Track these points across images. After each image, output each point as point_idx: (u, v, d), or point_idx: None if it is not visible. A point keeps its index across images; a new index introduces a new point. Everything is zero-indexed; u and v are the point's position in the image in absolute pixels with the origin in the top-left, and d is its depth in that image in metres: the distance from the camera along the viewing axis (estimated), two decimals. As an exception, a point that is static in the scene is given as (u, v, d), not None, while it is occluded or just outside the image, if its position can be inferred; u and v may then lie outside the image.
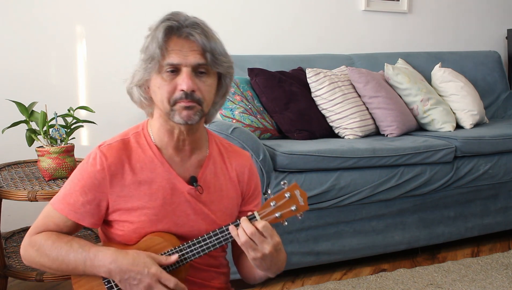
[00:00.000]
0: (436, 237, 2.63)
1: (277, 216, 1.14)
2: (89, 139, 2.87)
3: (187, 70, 1.13)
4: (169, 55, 1.13)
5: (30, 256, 1.22)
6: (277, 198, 1.14)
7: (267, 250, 1.11)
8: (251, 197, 1.35)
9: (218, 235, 1.18)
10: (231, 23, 3.17)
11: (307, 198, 1.16)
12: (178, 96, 1.13)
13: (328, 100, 2.77)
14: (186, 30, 1.13)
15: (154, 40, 1.14)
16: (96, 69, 2.87)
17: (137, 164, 1.22)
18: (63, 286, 2.28)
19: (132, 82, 1.20)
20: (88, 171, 1.20)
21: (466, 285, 2.30)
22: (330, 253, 2.40)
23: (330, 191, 2.31)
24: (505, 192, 2.77)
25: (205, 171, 1.27)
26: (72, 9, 2.79)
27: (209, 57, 1.14)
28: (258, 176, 1.38)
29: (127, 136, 1.26)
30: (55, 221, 1.22)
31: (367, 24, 3.59)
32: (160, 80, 1.15)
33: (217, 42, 1.17)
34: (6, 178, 2.08)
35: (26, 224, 2.48)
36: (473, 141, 2.64)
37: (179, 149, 1.24)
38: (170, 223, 1.23)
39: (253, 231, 1.10)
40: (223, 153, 1.32)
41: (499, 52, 3.84)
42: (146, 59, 1.15)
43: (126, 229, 1.22)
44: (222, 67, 1.18)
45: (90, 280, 1.23)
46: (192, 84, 1.13)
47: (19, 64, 2.71)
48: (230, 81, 1.24)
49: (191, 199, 1.24)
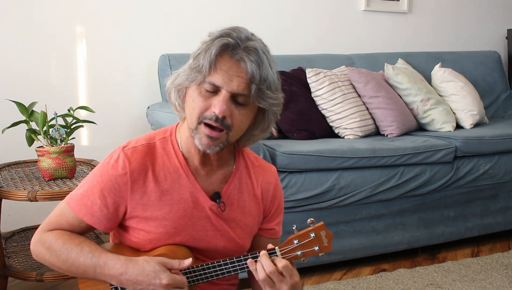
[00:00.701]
0: (436, 237, 2.63)
1: (298, 254, 1.12)
2: (89, 139, 2.87)
3: (226, 95, 1.07)
4: (214, 73, 1.07)
5: (40, 253, 1.19)
6: (301, 236, 1.12)
7: (284, 289, 1.10)
8: (273, 215, 1.31)
9: (235, 263, 1.16)
10: (231, 23, 3.16)
11: (332, 239, 1.13)
12: (208, 115, 1.08)
13: (328, 100, 2.77)
14: (241, 53, 1.07)
15: (207, 53, 1.07)
16: (96, 69, 2.87)
17: (161, 172, 1.17)
18: (63, 286, 2.27)
19: (173, 83, 1.15)
20: (110, 174, 1.15)
21: (466, 285, 2.30)
22: (330, 253, 2.39)
23: (330, 191, 2.31)
24: (505, 192, 2.77)
25: (230, 187, 1.23)
26: (72, 9, 2.79)
27: (254, 89, 1.07)
28: (282, 193, 1.35)
29: (154, 140, 1.21)
30: (69, 221, 1.18)
31: (367, 24, 3.59)
32: (197, 94, 1.10)
33: (270, 74, 1.09)
34: (6, 178, 2.08)
35: (26, 224, 2.48)
36: (473, 141, 2.64)
37: (205, 163, 1.20)
38: (188, 236, 1.20)
39: (273, 270, 1.08)
40: (250, 168, 1.27)
41: (499, 52, 3.84)
42: (194, 68, 1.09)
43: (142, 238, 1.19)
44: (266, 103, 1.11)
45: (96, 283, 1.21)
46: (227, 110, 1.07)
47: (19, 64, 2.71)
48: (273, 118, 1.17)
49: (212, 215, 1.21)
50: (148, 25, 2.92)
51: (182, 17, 3.00)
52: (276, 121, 1.20)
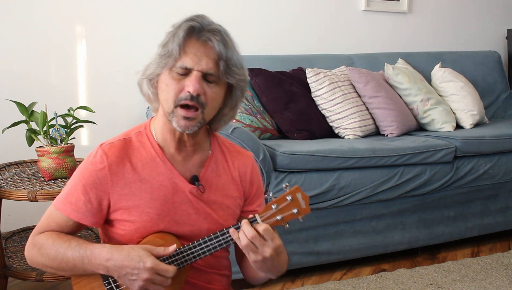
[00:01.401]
0: (436, 237, 2.63)
1: (278, 219, 1.14)
2: (89, 139, 2.87)
3: (197, 74, 1.13)
4: (184, 57, 1.14)
5: (32, 256, 1.22)
6: (279, 201, 1.14)
7: (267, 253, 1.11)
8: (253, 198, 1.34)
9: (219, 237, 1.18)
10: (231, 23, 3.15)
11: (309, 201, 1.16)
12: (183, 96, 1.14)
13: (328, 100, 2.77)
14: (206, 34, 1.15)
15: (175, 37, 1.14)
16: (96, 69, 2.87)
17: (138, 162, 1.22)
18: (63, 286, 2.27)
19: (144, 74, 1.21)
20: (89, 170, 1.20)
21: (466, 285, 2.30)
22: (330, 253, 2.40)
23: (330, 191, 2.31)
24: (505, 192, 2.77)
25: (207, 170, 1.27)
26: (72, 9, 2.79)
27: (222, 66, 1.14)
28: (261, 176, 1.38)
29: (129, 135, 1.26)
30: (57, 221, 1.22)
31: (367, 24, 3.59)
32: (170, 78, 1.16)
33: (234, 53, 1.17)
34: (6, 178, 2.08)
35: (26, 224, 2.48)
36: (473, 141, 2.64)
37: (180, 149, 1.24)
38: (172, 222, 1.22)
39: (254, 234, 1.10)
40: (226, 153, 1.32)
41: (499, 52, 3.84)
42: (163, 54, 1.16)
43: (128, 229, 1.21)
44: (234, 79, 1.18)
45: (90, 281, 1.23)
46: (199, 88, 1.13)
47: (19, 64, 2.71)
48: (241, 95, 1.24)
49: (192, 198, 1.24)
50: (148, 25, 2.92)
51: (182, 17, 2.99)
52: (242, 99, 1.26)
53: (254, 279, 1.35)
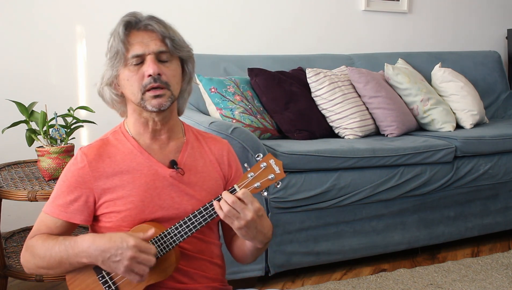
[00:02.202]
0: (436, 237, 2.63)
1: (256, 186, 1.17)
2: (89, 139, 2.87)
3: (151, 57, 1.20)
4: (132, 48, 1.20)
5: (26, 261, 1.25)
6: (254, 169, 1.18)
7: (249, 216, 1.14)
8: (234, 179, 1.37)
9: (202, 212, 1.20)
10: (231, 23, 3.17)
11: (282, 165, 1.19)
12: (147, 82, 1.20)
13: (328, 100, 2.77)
14: (144, 22, 1.23)
15: (116, 37, 1.22)
16: (96, 69, 2.85)
17: (117, 156, 1.27)
18: (63, 286, 2.28)
19: (102, 82, 1.27)
20: (72, 170, 1.26)
21: (466, 285, 2.30)
22: (330, 253, 2.40)
23: (330, 191, 2.31)
24: (505, 192, 2.77)
25: (184, 155, 1.31)
26: (72, 9, 2.79)
27: (169, 43, 1.22)
28: (238, 159, 1.42)
29: (106, 136, 1.33)
30: (47, 224, 1.26)
31: (367, 24, 3.59)
32: (128, 72, 1.22)
33: (174, 31, 1.25)
34: (6, 178, 2.08)
35: (26, 224, 2.48)
36: (473, 141, 2.64)
37: (155, 138, 1.30)
38: (156, 207, 1.25)
39: (234, 199, 1.13)
40: (200, 139, 1.37)
41: (499, 52, 3.84)
42: (112, 57, 1.22)
43: (114, 219, 1.24)
44: (183, 52, 1.25)
45: (84, 279, 1.24)
46: (158, 68, 1.20)
47: (19, 64, 2.71)
48: (192, 67, 1.31)
49: (173, 181, 1.27)
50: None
51: (182, 17, 3.00)
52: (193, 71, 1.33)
53: (245, 255, 1.35)
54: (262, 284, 2.32)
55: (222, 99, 2.58)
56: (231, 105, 2.57)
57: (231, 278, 2.09)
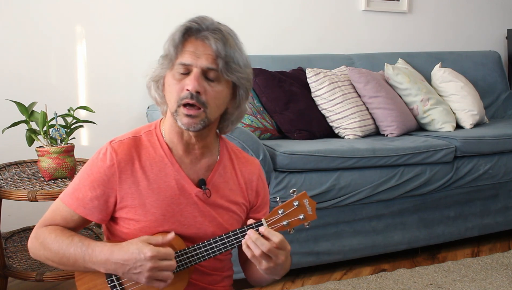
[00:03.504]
0: (436, 237, 2.63)
1: (284, 224, 1.14)
2: (89, 139, 2.87)
3: (196, 72, 1.13)
4: (182, 55, 1.14)
5: (35, 248, 1.22)
6: (285, 206, 1.14)
7: (281, 260, 1.12)
8: (260, 206, 1.35)
9: (224, 240, 1.18)
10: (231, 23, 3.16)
11: (315, 207, 1.15)
12: (184, 95, 1.14)
13: (328, 100, 2.77)
14: (205, 33, 1.15)
15: (173, 38, 1.16)
16: (96, 69, 2.87)
17: (147, 161, 1.22)
18: (63, 286, 2.28)
19: (151, 77, 1.22)
20: (98, 166, 1.20)
21: (466, 285, 2.30)
22: (330, 253, 2.40)
23: (330, 191, 2.31)
24: (505, 192, 2.77)
25: (215, 175, 1.27)
26: (72, 9, 2.79)
27: (221, 63, 1.13)
28: (267, 185, 1.38)
29: (139, 133, 1.26)
30: (62, 215, 1.23)
31: (367, 24, 3.59)
32: (172, 78, 1.16)
33: (236, 51, 1.16)
34: (6, 178, 2.08)
35: (26, 224, 2.48)
36: (473, 141, 2.64)
37: (189, 152, 1.24)
38: (177, 223, 1.22)
39: (270, 247, 1.10)
40: (234, 159, 1.32)
41: (499, 52, 3.83)
42: (163, 56, 1.17)
43: (132, 228, 1.21)
44: (235, 76, 1.16)
45: (93, 278, 1.23)
46: (198, 85, 1.12)
47: (19, 64, 2.71)
48: (245, 95, 1.22)
49: (198, 201, 1.24)
50: (148, 25, 2.92)
51: (182, 17, 2.99)
52: (247, 99, 1.25)
53: (259, 282, 1.35)
54: (262, 284, 2.32)
55: (222, 99, 2.58)
56: (231, 105, 2.57)
57: (231, 278, 2.08)
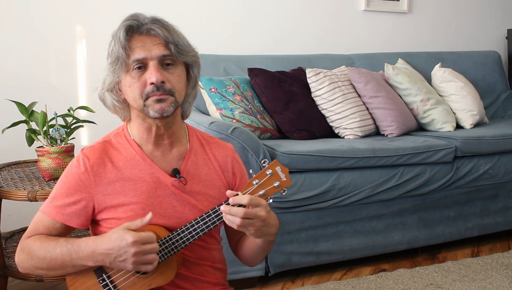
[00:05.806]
0: (436, 237, 2.63)
1: (261, 193, 1.15)
2: (89, 139, 2.87)
3: (154, 63, 1.16)
4: (133, 53, 1.17)
5: (22, 261, 1.24)
6: (259, 176, 1.16)
7: (263, 216, 1.13)
8: (239, 186, 1.36)
9: (205, 219, 1.19)
10: (232, 23, 3.17)
11: (288, 173, 1.16)
12: (149, 90, 1.16)
13: (328, 100, 2.77)
14: (146, 26, 1.19)
15: (117, 41, 1.18)
16: (96, 69, 2.87)
17: (119, 162, 1.25)
18: (63, 286, 2.28)
19: (103, 87, 1.24)
20: (73, 173, 1.23)
21: (466, 285, 2.30)
22: (330, 253, 2.40)
23: (330, 191, 2.31)
24: (505, 192, 2.77)
25: (187, 163, 1.29)
26: (72, 9, 2.79)
27: (173, 48, 1.17)
28: (243, 166, 1.39)
29: (109, 137, 1.30)
30: (45, 225, 1.25)
31: (367, 24, 3.59)
32: (130, 78, 1.18)
33: (179, 35, 1.21)
34: (6, 178, 2.08)
35: (26, 224, 2.47)
36: (473, 141, 2.64)
37: (158, 144, 1.27)
38: (157, 215, 1.24)
39: (244, 211, 1.11)
40: (205, 145, 1.34)
41: (499, 52, 3.84)
42: (113, 62, 1.18)
43: (114, 226, 1.22)
44: (188, 57, 1.21)
45: (85, 281, 1.23)
46: (161, 75, 1.16)
47: (19, 64, 2.71)
48: (198, 72, 1.27)
49: (175, 190, 1.26)
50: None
51: (182, 18, 2.99)
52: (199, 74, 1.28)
53: (256, 254, 1.34)
54: (262, 284, 2.32)
55: (222, 99, 2.58)
56: (231, 105, 2.57)
57: (231, 278, 2.08)
